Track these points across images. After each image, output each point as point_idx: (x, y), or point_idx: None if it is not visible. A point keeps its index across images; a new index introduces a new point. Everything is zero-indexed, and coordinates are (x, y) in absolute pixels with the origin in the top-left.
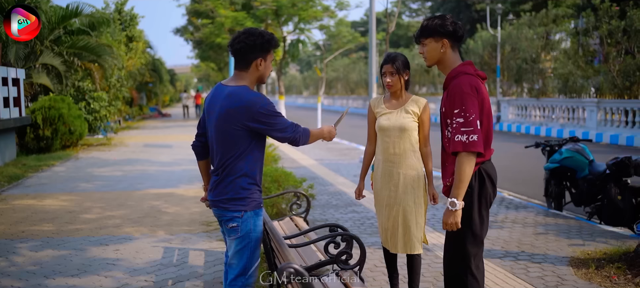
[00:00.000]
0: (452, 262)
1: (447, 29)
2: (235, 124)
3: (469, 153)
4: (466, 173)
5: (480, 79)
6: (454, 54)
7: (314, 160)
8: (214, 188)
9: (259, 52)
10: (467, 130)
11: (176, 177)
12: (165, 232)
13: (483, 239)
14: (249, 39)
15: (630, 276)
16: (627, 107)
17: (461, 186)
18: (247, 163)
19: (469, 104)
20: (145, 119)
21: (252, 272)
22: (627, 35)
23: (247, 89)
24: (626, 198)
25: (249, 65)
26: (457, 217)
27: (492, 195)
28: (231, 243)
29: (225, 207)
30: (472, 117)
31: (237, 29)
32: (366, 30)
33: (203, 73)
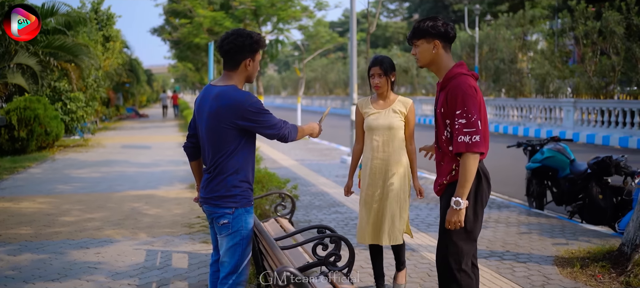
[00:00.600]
0: (446, 260)
1: (439, 30)
2: (225, 122)
3: (473, 154)
4: (471, 173)
5: (474, 78)
6: (447, 54)
7: (294, 160)
8: (205, 186)
9: (247, 53)
10: (470, 130)
11: (156, 178)
12: (146, 234)
13: (476, 237)
14: (238, 39)
15: (614, 274)
16: (603, 107)
17: (466, 185)
18: (237, 161)
19: (471, 105)
20: (122, 119)
21: (242, 269)
22: (603, 36)
23: (235, 88)
24: (607, 197)
25: (237, 66)
26: (461, 215)
27: (487, 194)
28: (222, 240)
29: (216, 204)
30: (474, 118)
31: (215, 29)
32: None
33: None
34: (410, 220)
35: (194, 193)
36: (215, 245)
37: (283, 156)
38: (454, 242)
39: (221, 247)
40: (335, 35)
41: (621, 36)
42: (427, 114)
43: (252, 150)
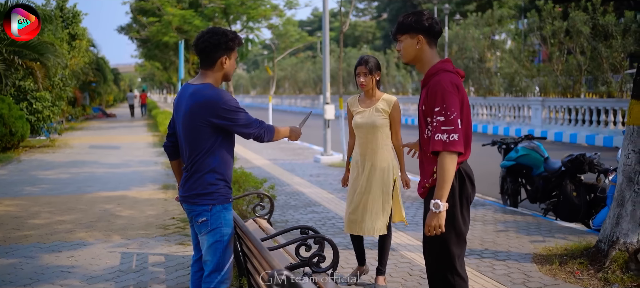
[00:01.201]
0: (437, 264)
1: (423, 25)
2: (200, 120)
3: (450, 153)
4: (449, 174)
5: (459, 76)
6: (432, 50)
7: (267, 160)
8: (183, 184)
9: (223, 51)
10: (448, 129)
11: (127, 179)
12: (120, 236)
13: (465, 239)
14: (213, 37)
15: (593, 271)
16: (570, 106)
17: (445, 187)
18: (214, 160)
19: (450, 102)
20: (89, 119)
21: (227, 269)
22: (569, 36)
23: (210, 86)
24: (581, 194)
25: (213, 64)
26: (441, 219)
27: (471, 195)
28: (203, 239)
29: (194, 201)
30: (454, 116)
31: (185, 27)
32: (313, 29)
33: (148, 72)
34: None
35: (167, 193)
36: (196, 243)
37: (256, 155)
38: (445, 247)
39: (202, 246)
40: (305, 34)
41: (587, 36)
42: None
43: (230, 149)
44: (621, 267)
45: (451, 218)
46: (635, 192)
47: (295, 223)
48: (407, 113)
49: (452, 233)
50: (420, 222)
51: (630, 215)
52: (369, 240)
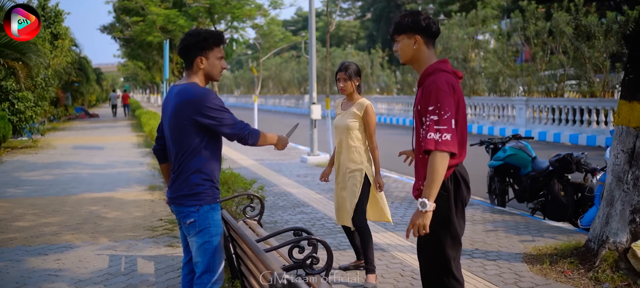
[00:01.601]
0: (432, 267)
1: (420, 25)
2: (185, 119)
3: (442, 153)
4: (439, 173)
5: (457, 77)
6: (429, 50)
7: (253, 160)
8: (171, 185)
9: (197, 50)
10: (441, 128)
11: (112, 180)
12: (108, 238)
13: (461, 241)
14: (187, 38)
15: (583, 270)
16: (554, 105)
17: (433, 186)
18: (200, 160)
19: (445, 102)
20: (71, 119)
21: (220, 270)
22: (553, 36)
23: (195, 85)
24: (568, 194)
25: (192, 64)
26: (426, 219)
27: (466, 197)
28: (192, 241)
29: (181, 202)
30: (447, 116)
31: (169, 27)
32: (297, 29)
33: (131, 72)
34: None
35: (153, 195)
36: (185, 245)
37: (242, 156)
38: (440, 249)
39: (192, 247)
40: (289, 34)
41: (570, 36)
42: (382, 113)
43: (216, 149)
44: (611, 266)
45: (446, 222)
46: (624, 191)
47: (284, 224)
48: (391, 113)
49: (447, 236)
50: (404, 220)
51: (619, 215)
52: None
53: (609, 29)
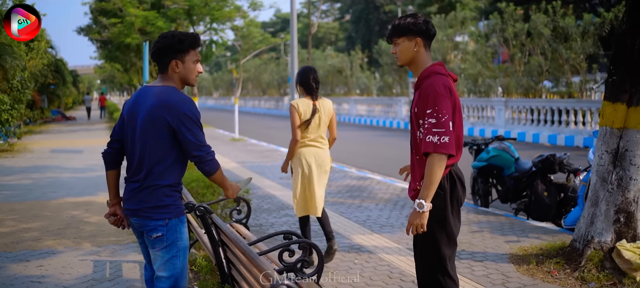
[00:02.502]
0: (428, 266)
1: (420, 28)
2: (161, 123)
3: (440, 155)
4: (436, 175)
5: (452, 79)
6: (427, 53)
7: (235, 163)
8: (132, 197)
9: (172, 54)
10: (439, 131)
11: (92, 183)
12: (91, 243)
13: (456, 240)
14: (161, 41)
15: (569, 270)
16: (533, 106)
17: (431, 188)
18: (173, 170)
19: (442, 105)
20: (48, 122)
21: (183, 281)
22: (531, 38)
23: (175, 90)
24: (552, 194)
25: (166, 68)
26: (423, 218)
27: (462, 197)
28: (156, 255)
29: (147, 215)
30: (445, 118)
31: (148, 28)
32: (276, 31)
33: (108, 74)
34: (363, 221)
35: None
36: (149, 260)
37: (225, 159)
38: (436, 248)
39: (155, 262)
40: (268, 35)
41: (548, 38)
42: (362, 114)
43: (186, 160)
44: (597, 265)
45: (442, 221)
46: (608, 191)
47: (270, 227)
48: (371, 114)
49: (443, 235)
50: (394, 224)
51: (604, 215)
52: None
53: (585, 30)
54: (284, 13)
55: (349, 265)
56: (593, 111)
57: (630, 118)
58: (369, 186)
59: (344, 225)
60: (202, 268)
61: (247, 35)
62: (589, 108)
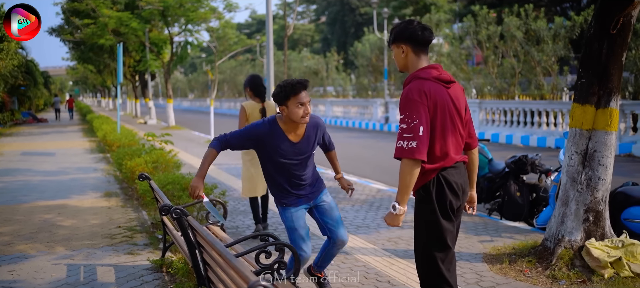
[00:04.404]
0: (423, 270)
1: (405, 34)
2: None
3: (409, 160)
4: (406, 179)
5: (443, 82)
6: (417, 58)
7: (212, 165)
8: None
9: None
10: (408, 136)
11: (65, 187)
12: (64, 247)
13: (449, 243)
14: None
15: (541, 269)
16: (506, 107)
17: (403, 191)
18: None
19: (413, 110)
20: (18, 124)
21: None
22: (504, 40)
23: None
24: (524, 194)
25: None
26: (396, 220)
27: (453, 201)
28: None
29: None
30: (415, 124)
31: (121, 29)
32: (251, 32)
33: (80, 75)
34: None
35: (110, 201)
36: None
37: (199, 160)
38: (428, 253)
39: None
40: (244, 37)
41: (521, 40)
42: (338, 116)
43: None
44: (567, 264)
45: (431, 223)
46: (578, 191)
47: (246, 229)
48: (347, 116)
49: (432, 238)
50: (371, 225)
51: (574, 214)
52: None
53: (556, 33)
54: (260, 14)
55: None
56: (564, 113)
57: (599, 119)
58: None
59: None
60: (179, 271)
61: (222, 37)
62: (560, 110)
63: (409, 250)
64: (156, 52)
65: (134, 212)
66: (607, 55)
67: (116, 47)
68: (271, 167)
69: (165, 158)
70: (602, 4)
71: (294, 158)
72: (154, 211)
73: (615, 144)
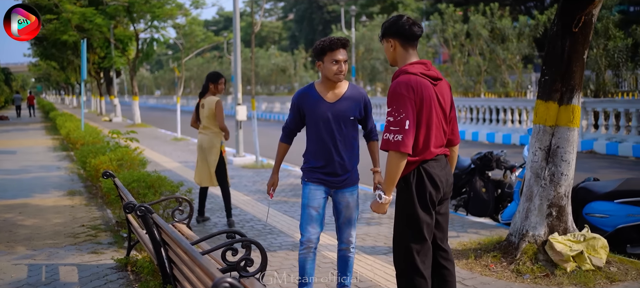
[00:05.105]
0: (399, 260)
1: (393, 29)
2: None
3: (396, 152)
4: (392, 171)
5: (431, 79)
6: (406, 53)
7: (177, 162)
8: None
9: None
10: (394, 129)
11: (27, 186)
12: (26, 247)
13: (427, 236)
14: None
15: (505, 263)
16: (472, 105)
17: (389, 182)
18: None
19: (400, 104)
20: None
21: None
22: (470, 38)
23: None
24: (489, 190)
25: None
26: (381, 208)
27: (433, 193)
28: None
29: None
30: (401, 117)
31: (85, 25)
32: (219, 29)
33: (43, 72)
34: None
35: (73, 200)
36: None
37: (166, 158)
38: (404, 242)
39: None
40: (211, 34)
41: (486, 38)
42: None
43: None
44: (531, 258)
45: (409, 215)
46: (542, 187)
47: (213, 226)
48: None
49: (410, 230)
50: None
51: (538, 209)
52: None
53: (521, 32)
54: (227, 11)
55: (293, 263)
56: (529, 110)
57: (561, 116)
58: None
59: (287, 223)
60: (144, 270)
61: (189, 34)
62: (525, 107)
63: (376, 247)
64: (121, 49)
65: (98, 211)
66: (570, 53)
67: (80, 44)
68: (312, 131)
69: (131, 156)
70: (564, 3)
71: (332, 120)
72: (118, 209)
73: (577, 140)
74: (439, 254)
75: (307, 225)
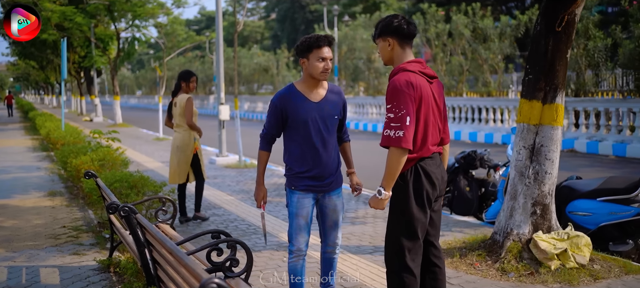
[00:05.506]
0: (389, 256)
1: (391, 28)
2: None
3: (397, 148)
4: (392, 167)
5: (427, 77)
6: (403, 52)
7: (159, 162)
8: None
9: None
10: (395, 125)
11: (6, 186)
12: (5, 249)
13: (419, 234)
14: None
15: (490, 262)
16: (454, 104)
17: (389, 178)
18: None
19: (401, 101)
20: None
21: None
22: (452, 38)
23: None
24: (473, 189)
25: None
26: (380, 204)
27: (430, 191)
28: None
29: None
30: (402, 113)
31: (65, 24)
32: (200, 28)
33: (22, 72)
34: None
35: (54, 201)
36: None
37: (148, 158)
38: (396, 239)
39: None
40: (193, 33)
41: (468, 38)
42: None
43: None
44: (516, 256)
45: (403, 212)
46: (526, 185)
47: (197, 227)
48: None
49: (403, 226)
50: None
51: (522, 208)
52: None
53: (502, 32)
54: (209, 11)
55: (278, 263)
56: (511, 109)
57: (545, 115)
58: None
59: (272, 223)
60: (127, 271)
61: (171, 33)
62: (506, 106)
63: (361, 246)
64: (102, 48)
65: (80, 211)
66: (553, 52)
67: (60, 43)
68: (296, 134)
69: (112, 156)
70: (548, 3)
71: (319, 120)
72: (100, 210)
73: (561, 138)
74: (431, 251)
75: (296, 235)
